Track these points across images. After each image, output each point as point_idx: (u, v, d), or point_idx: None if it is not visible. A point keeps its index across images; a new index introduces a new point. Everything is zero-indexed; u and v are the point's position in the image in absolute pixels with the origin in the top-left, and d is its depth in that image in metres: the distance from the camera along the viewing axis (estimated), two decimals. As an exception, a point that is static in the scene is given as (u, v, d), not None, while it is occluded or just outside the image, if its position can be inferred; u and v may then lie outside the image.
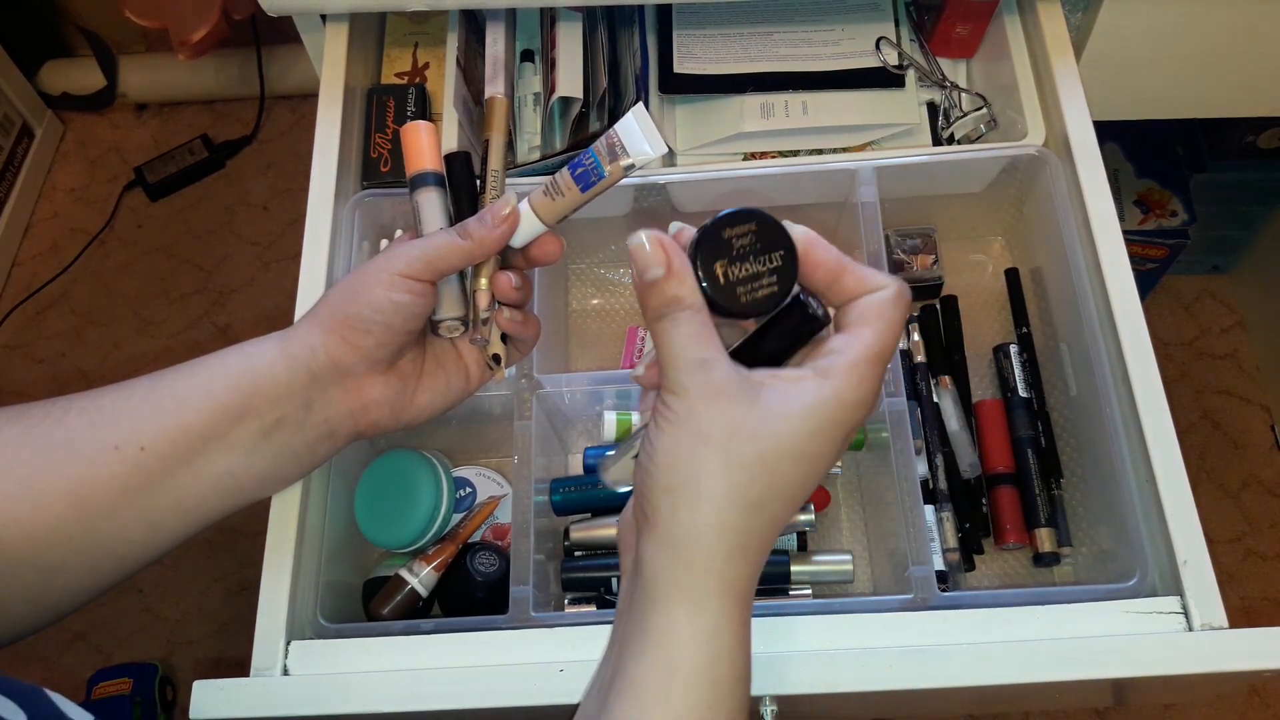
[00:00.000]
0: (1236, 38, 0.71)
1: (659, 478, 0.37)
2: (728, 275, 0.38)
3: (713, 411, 0.36)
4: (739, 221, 0.39)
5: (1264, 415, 1.41)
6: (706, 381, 0.37)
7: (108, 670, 1.32)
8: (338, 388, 0.51)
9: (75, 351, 1.62)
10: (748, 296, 0.39)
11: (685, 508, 0.36)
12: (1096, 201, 0.63)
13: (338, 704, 0.52)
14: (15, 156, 1.70)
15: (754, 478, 0.36)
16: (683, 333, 0.37)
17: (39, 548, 0.46)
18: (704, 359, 0.37)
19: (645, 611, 0.37)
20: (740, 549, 0.37)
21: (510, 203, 0.51)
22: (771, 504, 0.37)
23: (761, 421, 0.36)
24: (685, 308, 0.37)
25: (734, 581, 0.37)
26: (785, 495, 0.37)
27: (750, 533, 0.37)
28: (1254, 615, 1.30)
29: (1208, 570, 0.53)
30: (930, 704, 0.63)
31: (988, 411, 0.69)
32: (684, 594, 0.37)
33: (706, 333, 0.37)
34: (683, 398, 0.37)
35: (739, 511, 0.36)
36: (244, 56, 1.72)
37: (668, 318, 0.37)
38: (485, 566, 0.63)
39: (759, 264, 0.39)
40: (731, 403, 0.36)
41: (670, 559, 0.37)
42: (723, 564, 0.37)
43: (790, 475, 0.37)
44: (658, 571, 0.37)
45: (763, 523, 0.37)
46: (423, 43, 0.77)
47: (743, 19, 0.76)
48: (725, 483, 0.36)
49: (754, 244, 0.39)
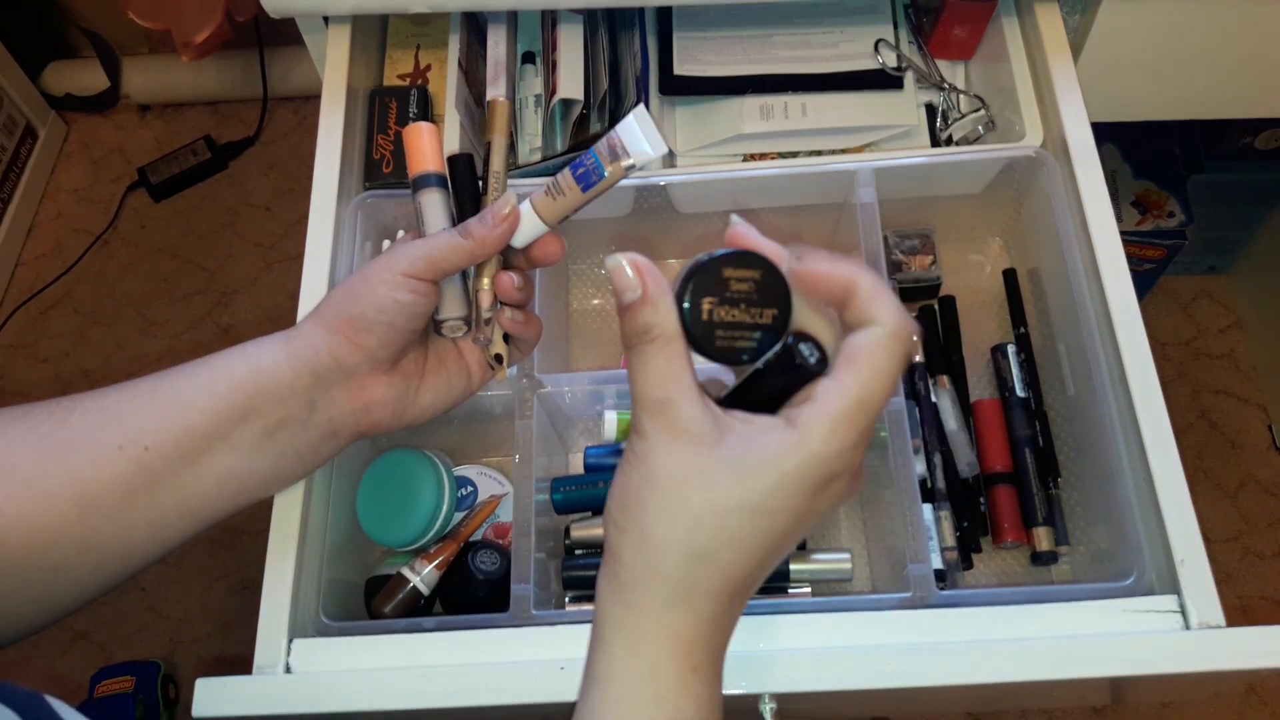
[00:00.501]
0: (1234, 40, 0.71)
1: (613, 514, 0.37)
2: (712, 315, 0.36)
3: (666, 455, 0.35)
4: (745, 264, 0.37)
5: (1261, 415, 1.41)
6: (666, 424, 0.35)
7: (110, 669, 1.32)
8: (341, 387, 0.51)
9: (78, 351, 1.62)
10: (724, 343, 0.37)
11: (630, 548, 0.36)
12: (1094, 202, 0.63)
13: (340, 702, 0.52)
14: (19, 157, 1.70)
15: (699, 527, 0.35)
16: (650, 367, 0.36)
17: (43, 547, 0.46)
18: (665, 399, 0.35)
19: (592, 647, 0.38)
20: (682, 597, 0.35)
21: (510, 202, 0.51)
22: (721, 557, 0.35)
23: (716, 470, 0.35)
24: (654, 339, 0.36)
25: (676, 626, 0.36)
26: (742, 549, 0.35)
27: (694, 582, 0.35)
28: (1251, 614, 1.30)
29: (1205, 569, 0.53)
30: (928, 702, 0.64)
31: (986, 411, 0.69)
32: (622, 634, 0.36)
33: (675, 369, 0.36)
34: (642, 439, 0.36)
35: (679, 560, 0.35)
36: (247, 58, 1.72)
37: (637, 349, 0.36)
38: (486, 565, 0.63)
39: (747, 314, 0.37)
40: (688, 447, 0.35)
41: (614, 597, 0.37)
42: (661, 609, 0.36)
43: (745, 529, 0.35)
44: (604, 607, 0.37)
45: (712, 574, 0.35)
46: (424, 44, 0.77)
47: (742, 21, 0.76)
48: (669, 529, 0.35)
49: (751, 293, 0.37)
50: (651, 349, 0.36)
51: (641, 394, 0.36)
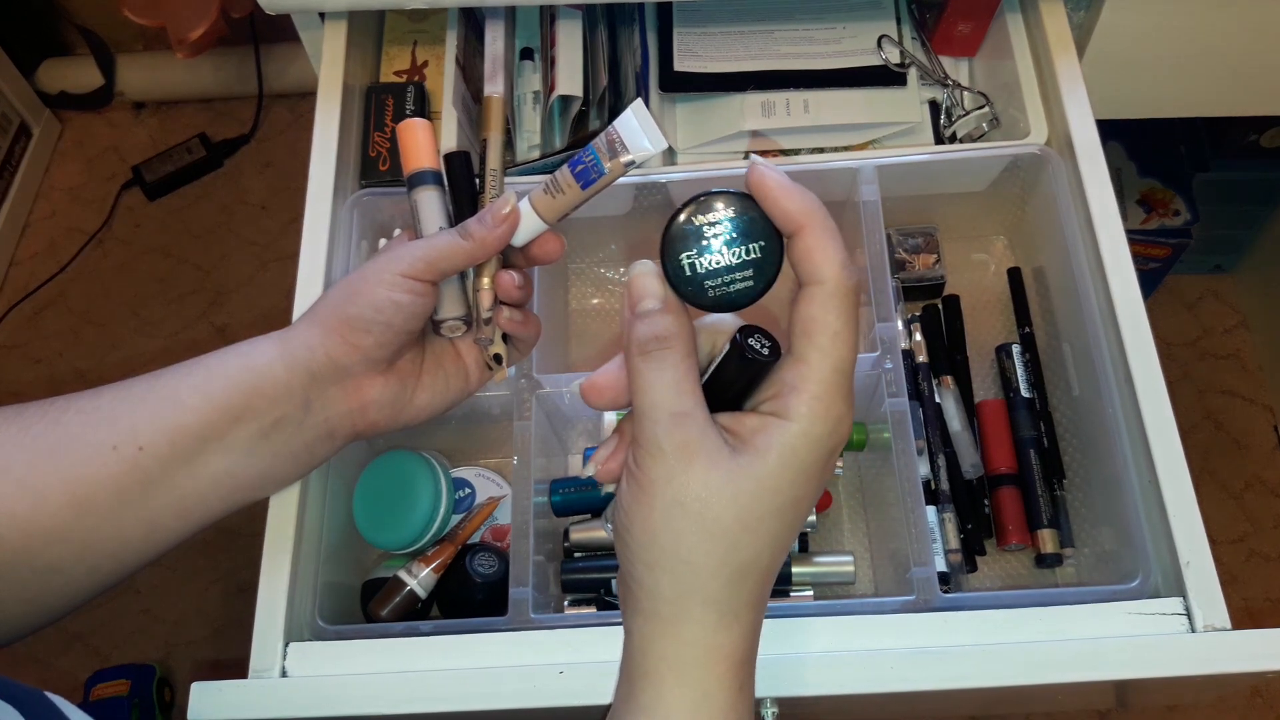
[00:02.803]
0: (1239, 36, 0.71)
1: (637, 551, 0.35)
2: (695, 267, 0.35)
3: (687, 476, 0.34)
4: (712, 206, 0.36)
5: (1267, 415, 1.41)
6: (683, 440, 0.34)
7: (106, 671, 1.31)
8: (337, 388, 0.51)
9: (73, 351, 1.61)
10: (717, 291, 0.36)
11: (668, 583, 0.35)
12: (1099, 200, 0.62)
13: (336, 706, 0.52)
14: (13, 155, 1.70)
15: (737, 544, 0.34)
16: (666, 379, 0.35)
17: (37, 547, 0.46)
18: (681, 412, 0.35)
19: (635, 682, 0.36)
20: (731, 616, 0.35)
21: (510, 201, 0.51)
22: (757, 564, 0.35)
23: (737, 482, 0.34)
24: (672, 348, 0.35)
25: (724, 648, 0.35)
26: (772, 550, 0.35)
27: (737, 599, 0.35)
28: (1257, 616, 1.30)
29: (1210, 571, 0.53)
30: (932, 706, 0.63)
31: (990, 412, 0.68)
32: (670, 667, 0.35)
33: (689, 381, 0.35)
34: (657, 460, 0.34)
35: (724, 581, 0.35)
36: (242, 55, 1.71)
37: (653, 356, 0.35)
38: (484, 568, 0.62)
39: (732, 255, 0.35)
40: (705, 466, 0.34)
41: (656, 634, 0.35)
42: (711, 635, 0.35)
43: (774, 530, 0.35)
44: (645, 645, 0.36)
45: (751, 586, 0.35)
46: (422, 41, 0.76)
47: (743, 17, 0.76)
48: (707, 554, 0.34)
49: (729, 232, 0.36)
50: (670, 357, 0.35)
51: (656, 406, 0.35)
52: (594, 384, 0.38)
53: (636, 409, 0.36)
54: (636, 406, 0.36)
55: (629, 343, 0.36)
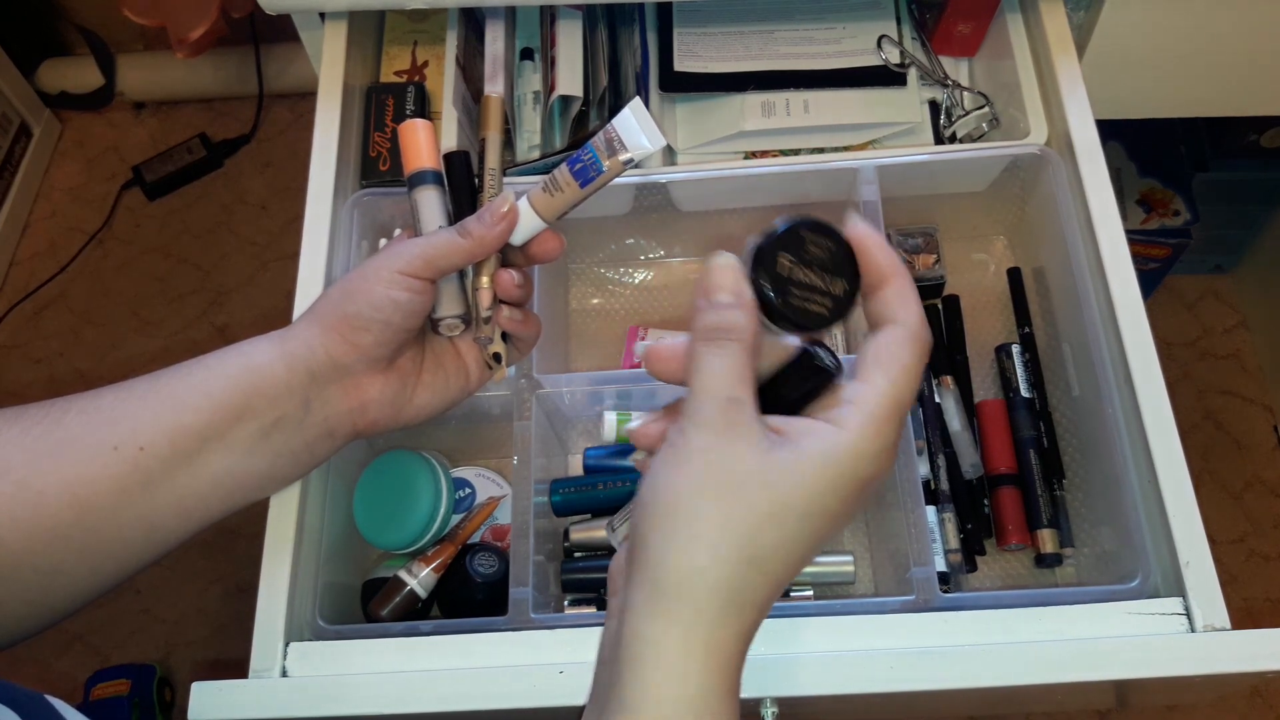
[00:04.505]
0: (1239, 36, 0.71)
1: (656, 515, 0.34)
2: (790, 273, 0.36)
3: (728, 452, 0.34)
4: (822, 234, 0.37)
5: (1267, 415, 1.41)
6: (732, 420, 0.34)
7: (106, 671, 1.31)
8: (336, 386, 0.51)
9: (73, 351, 1.61)
10: (798, 301, 0.37)
11: (678, 551, 0.34)
12: (1099, 200, 0.62)
13: (337, 706, 0.52)
14: (13, 155, 1.69)
15: (758, 533, 0.34)
16: (726, 365, 0.35)
17: (38, 548, 0.45)
18: (734, 398, 0.35)
19: (616, 666, 0.35)
20: (734, 607, 0.34)
21: (508, 200, 0.51)
22: (773, 561, 0.34)
23: (775, 472, 0.34)
24: (737, 339, 0.35)
25: (722, 643, 0.34)
26: (790, 553, 0.34)
27: (745, 591, 0.34)
28: (1257, 616, 1.30)
29: (1210, 571, 0.53)
30: (931, 706, 0.63)
31: (990, 412, 0.68)
32: (660, 652, 0.34)
33: (747, 373, 0.35)
34: (703, 431, 0.34)
35: (735, 566, 0.33)
36: (242, 55, 1.71)
37: (717, 343, 0.35)
38: (485, 567, 0.62)
39: (820, 279, 0.37)
40: (749, 448, 0.34)
41: (654, 610, 0.34)
42: (711, 622, 0.33)
43: (797, 533, 0.34)
44: (636, 622, 0.34)
45: (760, 582, 0.34)
46: (422, 41, 0.76)
47: (743, 17, 0.76)
48: (725, 533, 0.34)
49: (825, 260, 0.37)
50: (734, 348, 0.35)
51: (712, 387, 0.35)
52: (657, 352, 0.38)
53: (692, 390, 0.36)
54: (693, 388, 0.36)
55: (696, 327, 0.36)
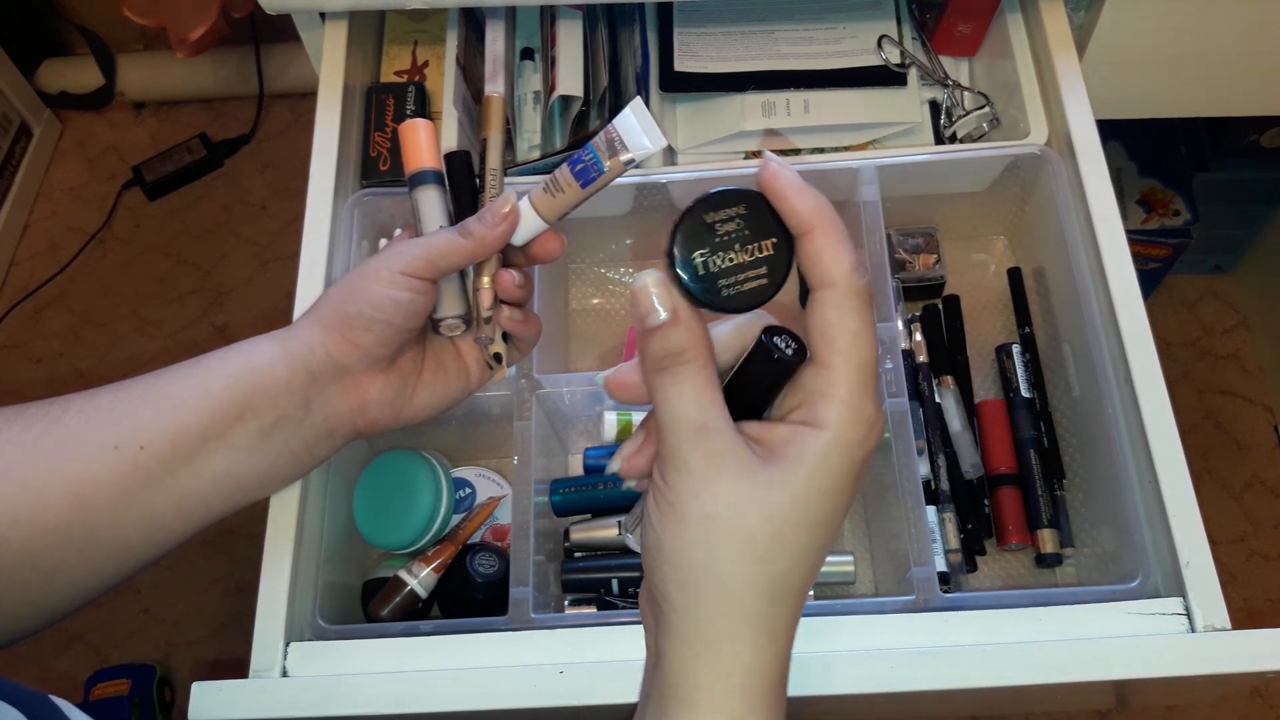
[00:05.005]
0: (1239, 36, 0.71)
1: (669, 571, 0.34)
2: (709, 266, 0.34)
3: (717, 489, 0.33)
4: (725, 204, 0.35)
5: (1267, 415, 1.41)
6: (708, 453, 0.34)
7: (106, 671, 1.31)
8: (337, 386, 0.51)
9: (73, 351, 1.61)
10: (731, 290, 0.35)
11: (703, 602, 0.34)
12: (1099, 200, 0.62)
13: (337, 706, 0.52)
14: (13, 155, 1.69)
15: (773, 558, 0.33)
16: (685, 391, 0.34)
17: (39, 547, 0.45)
18: (704, 424, 0.34)
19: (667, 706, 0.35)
20: (767, 635, 0.34)
21: (510, 201, 0.51)
22: (791, 581, 0.34)
23: (770, 494, 0.33)
24: (688, 361, 0.34)
25: (762, 668, 0.34)
26: (804, 566, 0.34)
27: (776, 617, 0.34)
28: (1257, 616, 1.30)
29: (1210, 571, 0.53)
30: (931, 706, 0.63)
31: (990, 412, 0.68)
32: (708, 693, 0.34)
33: (709, 392, 0.34)
34: (684, 475, 0.34)
35: (760, 598, 0.34)
36: (242, 55, 1.71)
37: (668, 372, 0.34)
38: (485, 567, 0.62)
39: (745, 253, 0.35)
40: (735, 477, 0.33)
41: (692, 658, 0.34)
42: (749, 655, 0.34)
43: (809, 543, 0.34)
44: (680, 669, 0.34)
45: (785, 602, 0.34)
46: (422, 40, 0.76)
47: (744, 17, 0.76)
48: (743, 570, 0.33)
49: (741, 230, 0.35)
50: (686, 371, 0.34)
51: (677, 418, 0.34)
52: (619, 381, 0.38)
53: (659, 423, 0.35)
54: (658, 421, 0.35)
55: (644, 357, 0.35)
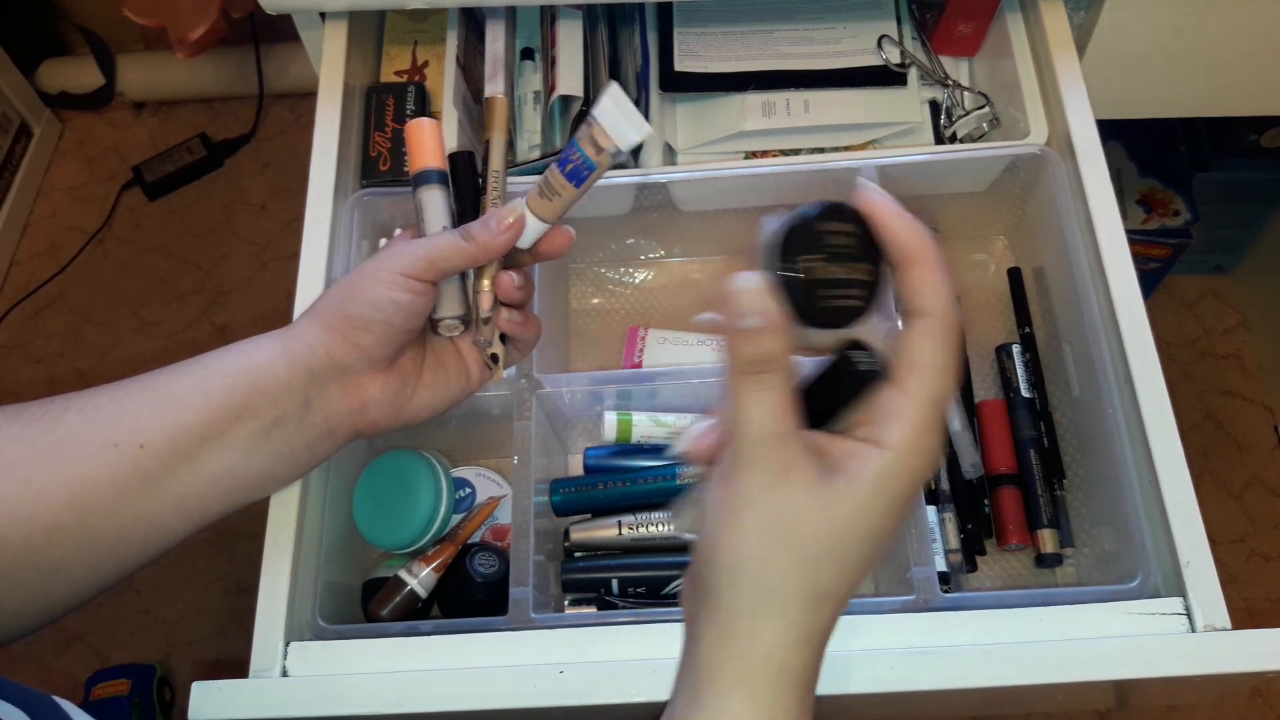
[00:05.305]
0: (1239, 36, 0.71)
1: (720, 567, 0.35)
2: (815, 273, 0.34)
3: (781, 495, 0.34)
4: (840, 217, 0.34)
5: (1267, 415, 1.41)
6: (779, 461, 0.34)
7: (106, 671, 1.31)
8: (337, 386, 0.51)
9: (73, 351, 1.61)
10: (829, 303, 0.34)
11: (746, 599, 0.35)
12: (1099, 200, 0.62)
13: (337, 706, 0.52)
14: (13, 155, 1.69)
15: (820, 570, 0.34)
16: (767, 399, 0.34)
17: (39, 546, 0.45)
18: (780, 434, 0.34)
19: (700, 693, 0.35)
20: (804, 640, 0.35)
21: (517, 210, 0.51)
22: (838, 589, 0.35)
23: (828, 507, 0.34)
24: (776, 370, 0.34)
25: (796, 671, 0.35)
26: (850, 577, 0.35)
27: (813, 624, 0.35)
28: (1257, 616, 1.30)
29: (1210, 571, 0.53)
30: (932, 705, 0.63)
31: (990, 412, 0.68)
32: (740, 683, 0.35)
33: (790, 402, 0.35)
34: (750, 477, 0.34)
35: (805, 604, 0.34)
36: (242, 55, 1.71)
37: (754, 377, 0.34)
38: (485, 567, 0.62)
39: (846, 269, 0.34)
40: (799, 488, 0.34)
41: (730, 650, 0.35)
42: (784, 656, 0.35)
43: (856, 557, 0.35)
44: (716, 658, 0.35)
45: (829, 611, 0.35)
46: (422, 40, 0.76)
47: (744, 17, 0.75)
48: (792, 578, 0.34)
49: (848, 246, 0.34)
50: (772, 379, 0.34)
51: (754, 426, 0.34)
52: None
53: (736, 425, 0.35)
54: (736, 422, 0.35)
55: (732, 358, 0.35)
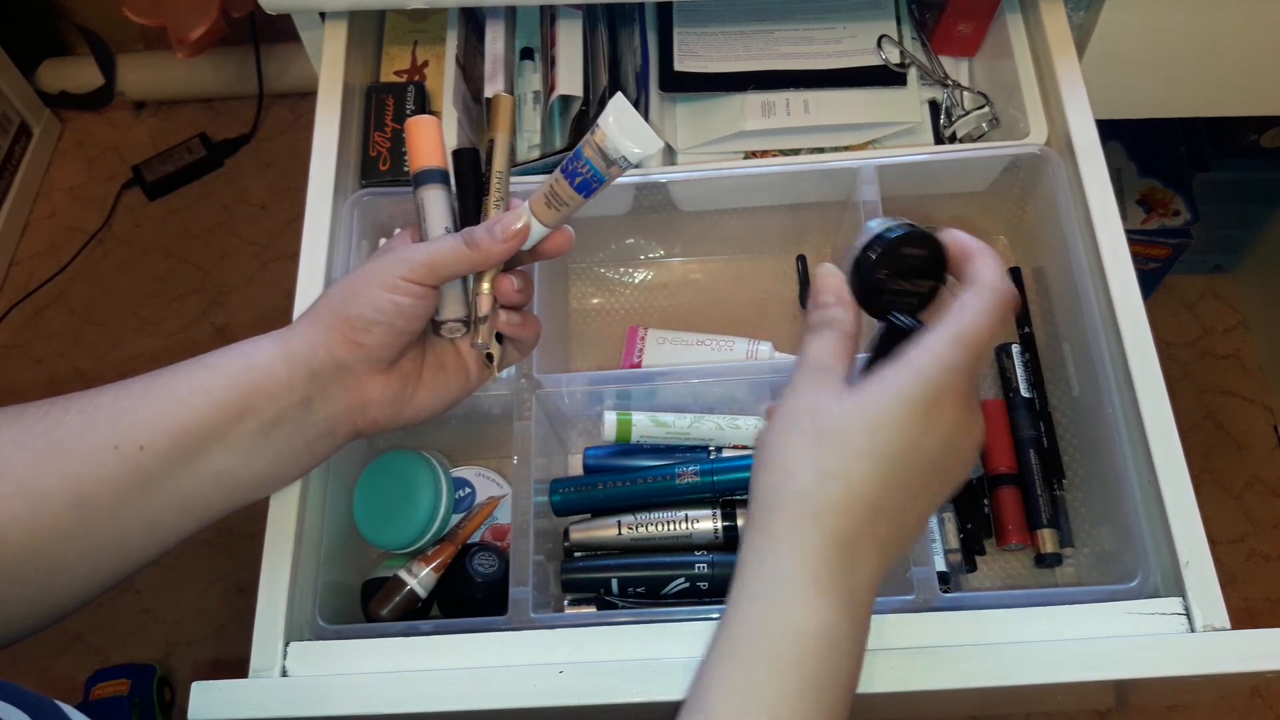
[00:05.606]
0: (1239, 36, 0.71)
1: (756, 460, 0.42)
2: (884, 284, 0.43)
3: (807, 401, 0.41)
4: (921, 243, 0.43)
5: (1267, 415, 1.41)
6: (815, 382, 0.42)
7: (106, 671, 1.31)
8: (338, 385, 0.51)
9: (73, 351, 1.61)
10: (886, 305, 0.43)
11: (767, 478, 0.41)
12: (1099, 200, 0.62)
13: (336, 706, 0.52)
14: (13, 155, 1.69)
15: (825, 447, 0.40)
16: (822, 344, 0.43)
17: (39, 547, 0.45)
18: (827, 368, 0.42)
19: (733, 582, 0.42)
20: (812, 514, 0.40)
21: (522, 217, 0.51)
22: (848, 473, 0.39)
23: (843, 403, 0.41)
24: (835, 329, 0.43)
25: (805, 544, 0.39)
26: (867, 467, 0.39)
27: (823, 499, 0.39)
28: (1256, 616, 1.30)
29: (1210, 571, 0.53)
30: (931, 705, 0.63)
31: (990, 412, 0.68)
32: (757, 555, 0.40)
33: (843, 352, 0.43)
34: (794, 393, 0.42)
35: (810, 478, 0.40)
36: (242, 55, 1.71)
37: (819, 330, 0.43)
38: (485, 567, 0.62)
39: (910, 284, 0.44)
40: (826, 392, 0.41)
41: (754, 527, 0.41)
42: (792, 525, 0.40)
43: (866, 447, 0.39)
44: (748, 540, 0.41)
45: (839, 490, 0.39)
46: (422, 40, 0.76)
47: (744, 17, 0.76)
48: (801, 453, 0.40)
49: (918, 267, 0.43)
50: (832, 334, 0.43)
51: (808, 358, 0.43)
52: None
53: (796, 368, 0.43)
54: (796, 366, 0.43)
55: (808, 320, 0.44)
